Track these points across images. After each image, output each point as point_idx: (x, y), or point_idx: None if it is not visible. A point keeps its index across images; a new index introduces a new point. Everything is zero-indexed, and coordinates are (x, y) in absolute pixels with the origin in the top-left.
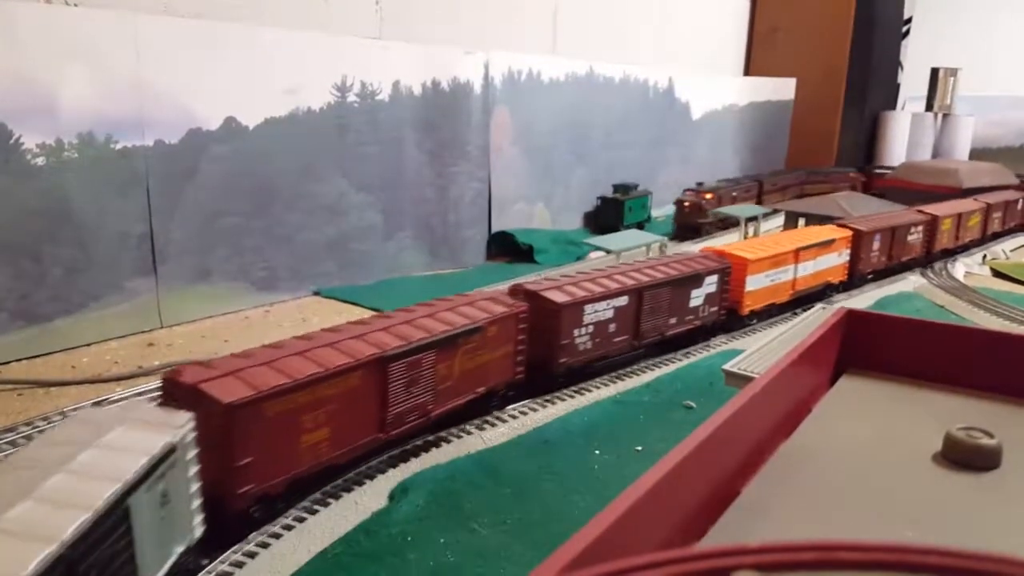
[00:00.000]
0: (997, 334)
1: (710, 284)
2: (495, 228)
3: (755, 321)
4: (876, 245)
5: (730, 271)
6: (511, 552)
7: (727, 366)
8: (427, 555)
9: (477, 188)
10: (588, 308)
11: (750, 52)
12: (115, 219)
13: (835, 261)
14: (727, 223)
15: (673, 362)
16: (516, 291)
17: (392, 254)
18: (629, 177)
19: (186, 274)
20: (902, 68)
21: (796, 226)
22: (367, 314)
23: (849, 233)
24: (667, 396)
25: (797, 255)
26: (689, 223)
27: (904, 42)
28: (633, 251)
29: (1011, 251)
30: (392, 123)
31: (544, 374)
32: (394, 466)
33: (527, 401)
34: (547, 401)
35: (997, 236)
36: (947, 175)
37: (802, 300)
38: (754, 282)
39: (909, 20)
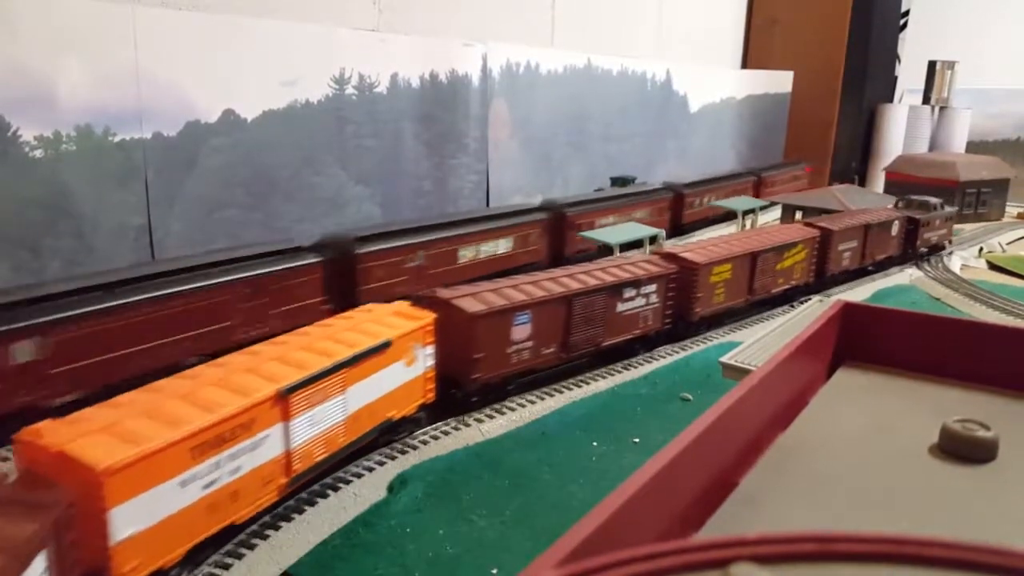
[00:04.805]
0: (994, 327)
1: None
2: None
3: None
4: (523, 331)
5: (70, 519)
6: (509, 543)
7: (724, 358)
8: (426, 546)
9: (475, 180)
10: None
11: (748, 45)
12: (114, 211)
13: (401, 377)
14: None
15: (670, 355)
16: None
17: None
18: (627, 169)
19: None
20: (899, 61)
21: (793, 219)
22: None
23: (428, 318)
24: (664, 388)
25: (287, 406)
26: None
27: (902, 35)
28: (632, 244)
29: (1007, 244)
30: (390, 115)
31: None
32: (393, 458)
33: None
34: (545, 393)
35: (848, 278)
36: (944, 168)
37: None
38: (142, 511)
39: (907, 13)
